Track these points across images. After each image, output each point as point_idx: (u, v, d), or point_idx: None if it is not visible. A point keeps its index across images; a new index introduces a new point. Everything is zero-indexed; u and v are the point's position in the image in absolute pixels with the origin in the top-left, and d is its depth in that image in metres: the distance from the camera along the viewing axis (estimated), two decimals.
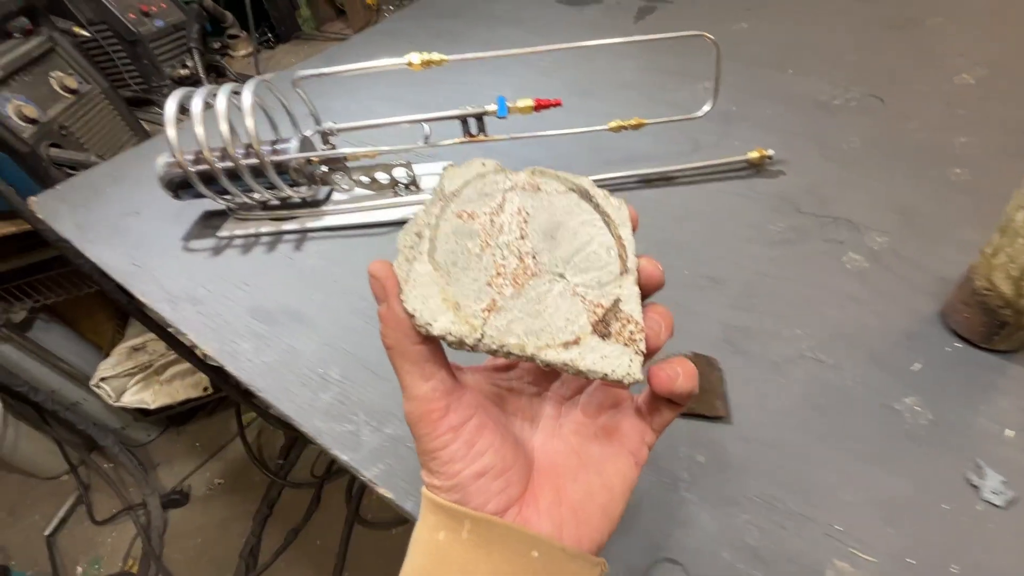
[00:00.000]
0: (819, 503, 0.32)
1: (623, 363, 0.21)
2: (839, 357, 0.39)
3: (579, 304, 0.22)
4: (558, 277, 0.22)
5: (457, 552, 0.21)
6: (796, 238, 0.49)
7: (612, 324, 0.21)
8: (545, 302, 0.22)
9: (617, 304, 0.22)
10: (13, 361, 1.09)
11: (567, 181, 0.25)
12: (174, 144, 0.53)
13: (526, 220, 0.23)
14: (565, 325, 0.21)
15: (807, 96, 0.67)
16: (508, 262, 0.22)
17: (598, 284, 0.22)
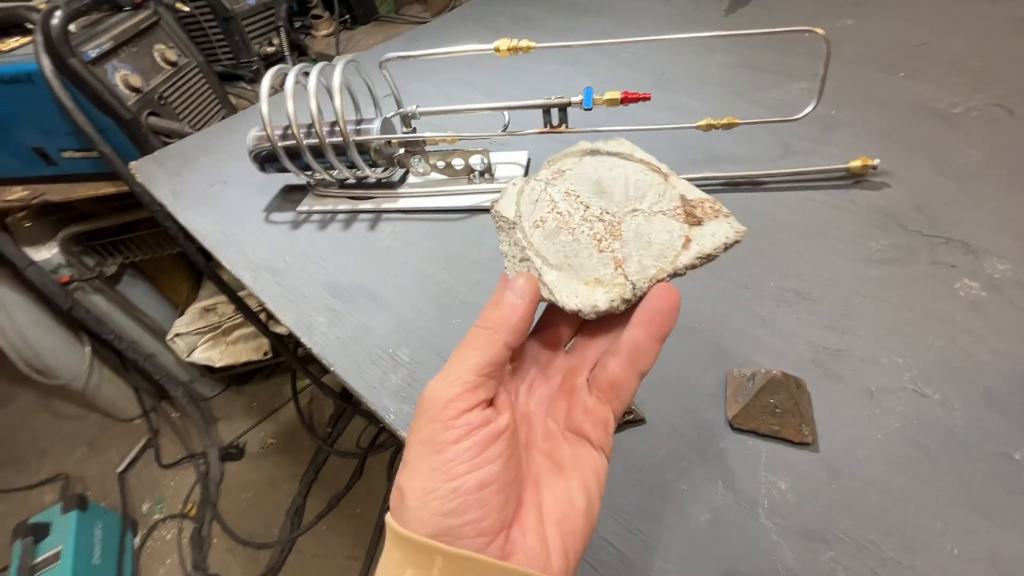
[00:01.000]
0: (919, 552, 0.29)
1: (727, 229, 0.25)
2: (947, 393, 0.36)
3: (664, 218, 0.25)
4: (633, 213, 0.25)
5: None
6: (901, 258, 0.45)
7: (695, 211, 0.25)
8: (645, 233, 0.25)
9: (684, 198, 0.26)
10: (103, 310, 1.19)
11: (573, 154, 0.29)
12: (266, 119, 0.55)
13: (577, 196, 0.26)
14: (672, 237, 0.24)
15: (920, 103, 0.62)
16: (596, 228, 0.25)
17: (659, 197, 0.26)
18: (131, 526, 1.25)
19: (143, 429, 1.44)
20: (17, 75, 0.80)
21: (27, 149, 0.92)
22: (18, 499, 1.37)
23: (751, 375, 0.36)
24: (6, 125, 0.88)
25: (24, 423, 1.55)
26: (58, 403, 1.56)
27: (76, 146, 0.90)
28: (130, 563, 1.19)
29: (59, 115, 0.84)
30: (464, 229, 0.57)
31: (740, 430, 0.35)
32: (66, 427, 1.51)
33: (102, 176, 0.95)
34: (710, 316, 0.43)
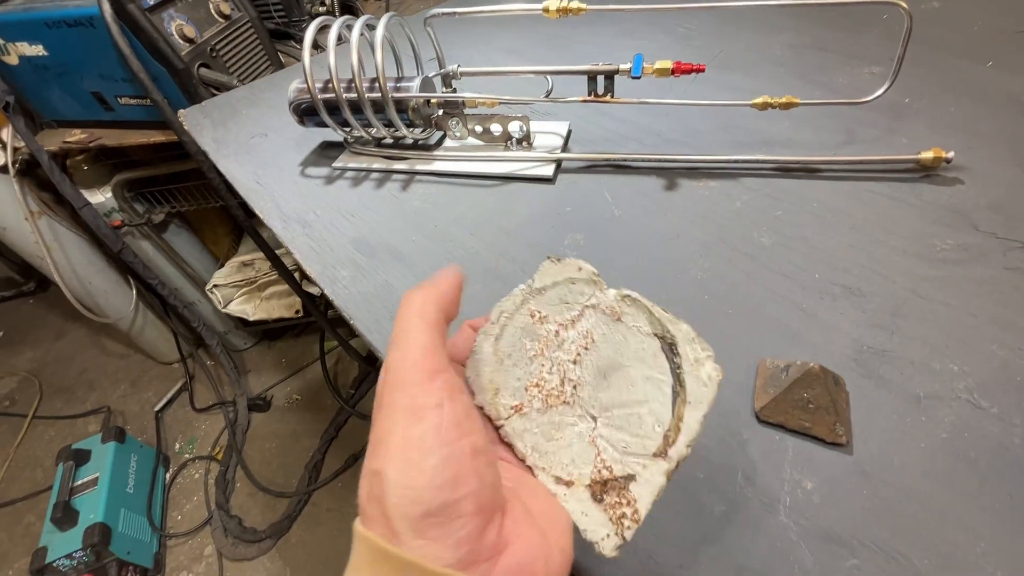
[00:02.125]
0: (956, 571, 0.26)
1: (599, 533, 0.20)
2: (1006, 408, 0.32)
3: (591, 454, 0.21)
4: (589, 417, 0.21)
5: None
6: (968, 259, 0.41)
7: (609, 495, 0.20)
8: (562, 432, 0.21)
9: (628, 481, 0.20)
10: (149, 256, 1.24)
11: (659, 323, 0.22)
12: (308, 71, 0.54)
13: (588, 347, 0.22)
14: (567, 464, 0.21)
15: (1009, 95, 0.56)
16: (550, 379, 0.22)
17: (623, 450, 0.21)
18: (163, 462, 1.33)
19: (180, 373, 1.51)
20: (80, 18, 0.83)
21: (87, 93, 0.95)
22: (65, 426, 1.47)
23: (785, 366, 0.34)
24: (69, 68, 0.92)
25: (75, 356, 1.66)
26: (106, 341, 1.66)
27: (131, 93, 0.93)
28: (160, 495, 1.26)
29: (117, 61, 0.86)
30: (497, 196, 0.55)
31: (767, 423, 0.33)
32: (112, 364, 1.61)
33: (154, 124, 0.98)
34: (745, 303, 0.41)
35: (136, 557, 1.09)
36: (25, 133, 0.95)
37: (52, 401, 1.54)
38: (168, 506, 1.27)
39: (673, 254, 0.46)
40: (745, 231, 0.46)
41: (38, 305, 1.86)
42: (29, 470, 1.38)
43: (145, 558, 1.12)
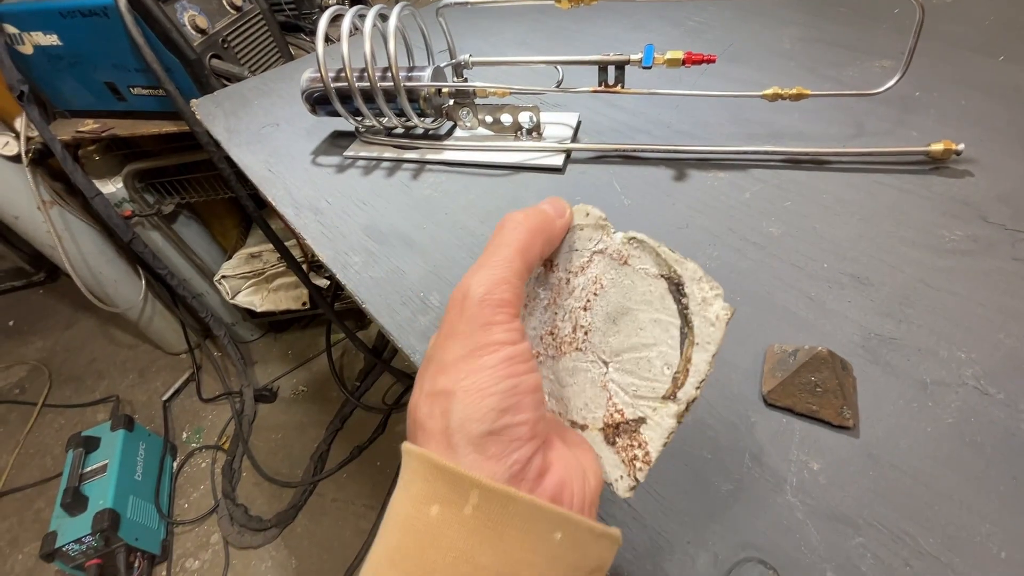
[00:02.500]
0: (961, 551, 0.27)
1: (613, 475, 0.20)
2: (1012, 394, 0.33)
3: (603, 398, 0.21)
4: (601, 363, 0.21)
5: (455, 533, 0.16)
6: (977, 250, 0.41)
7: (621, 438, 0.20)
8: (575, 378, 0.21)
9: (639, 424, 0.20)
10: (158, 246, 1.26)
11: (665, 263, 0.21)
12: (321, 59, 0.55)
13: (597, 293, 0.22)
14: (581, 408, 0.21)
15: (1019, 89, 0.56)
16: (563, 327, 0.22)
17: (633, 393, 0.21)
18: (171, 450, 1.34)
19: (187, 363, 1.53)
20: (94, 8, 0.84)
21: (100, 83, 0.96)
22: (74, 414, 1.49)
23: (793, 351, 0.34)
24: (83, 58, 0.93)
25: (85, 345, 1.67)
26: (115, 331, 1.68)
27: (144, 83, 0.94)
28: (168, 483, 1.27)
29: (130, 51, 0.87)
30: (506, 185, 0.56)
31: (774, 406, 0.33)
32: (121, 353, 1.63)
33: (165, 115, 0.99)
34: (754, 291, 0.41)
35: (144, 543, 1.11)
36: (39, 122, 0.96)
37: (61, 390, 1.56)
38: (175, 494, 1.28)
39: (682, 243, 0.46)
40: (754, 221, 0.47)
41: (48, 295, 1.88)
42: (39, 457, 1.40)
43: (153, 544, 1.13)
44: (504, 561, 0.16)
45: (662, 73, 0.66)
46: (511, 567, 0.16)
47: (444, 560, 0.16)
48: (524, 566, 0.16)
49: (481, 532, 0.16)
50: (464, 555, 0.16)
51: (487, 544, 0.16)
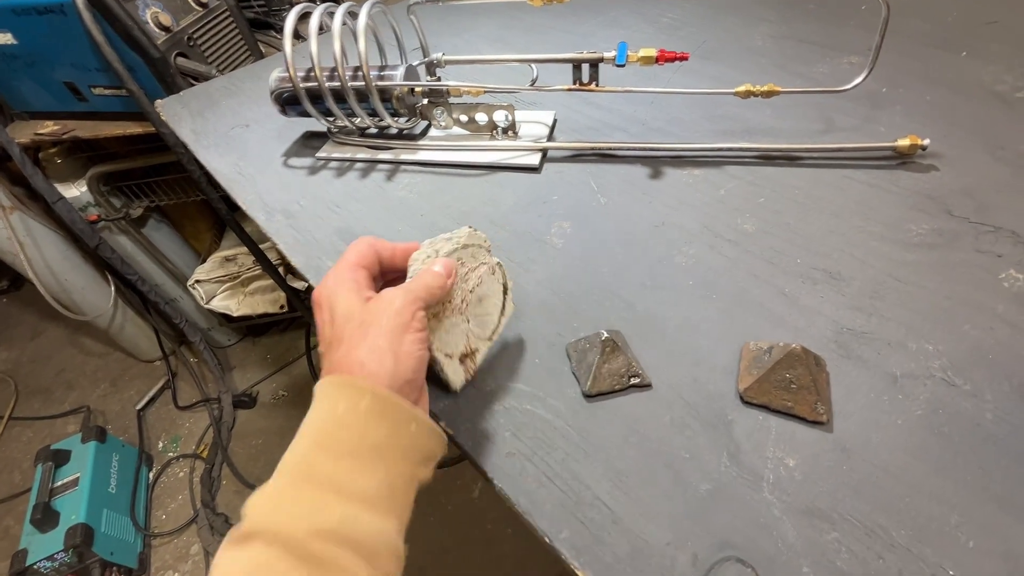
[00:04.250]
0: (931, 542, 0.27)
1: (458, 381, 0.35)
2: (978, 384, 0.33)
3: (464, 340, 0.36)
4: (466, 320, 0.36)
5: (353, 420, 0.25)
6: (942, 243, 0.42)
7: (465, 361, 0.36)
8: (453, 331, 0.35)
9: (475, 353, 0.36)
10: (128, 252, 1.22)
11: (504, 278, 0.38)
12: (289, 59, 0.54)
13: (479, 284, 0.36)
14: (452, 344, 0.35)
15: (981, 84, 0.57)
16: (456, 298, 0.35)
17: (476, 337, 0.36)
18: (147, 461, 1.30)
19: (162, 371, 1.49)
20: (50, 5, 0.80)
21: (59, 83, 0.93)
22: (43, 427, 1.44)
23: (768, 348, 0.34)
24: (39, 57, 0.89)
25: (52, 356, 1.61)
26: (84, 340, 1.62)
27: (106, 83, 0.90)
28: (144, 495, 1.24)
29: (90, 49, 0.84)
30: (482, 185, 0.55)
31: (751, 404, 0.34)
32: (91, 363, 1.57)
33: (130, 115, 0.95)
34: (728, 288, 0.41)
35: (120, 557, 1.07)
36: None
37: (29, 402, 1.50)
38: (152, 505, 1.25)
39: (658, 241, 0.46)
40: (729, 218, 0.47)
41: (12, 304, 1.81)
42: (6, 472, 1.35)
43: (129, 558, 1.10)
44: (386, 440, 0.26)
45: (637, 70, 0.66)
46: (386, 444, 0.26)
47: (352, 436, 0.25)
48: (394, 444, 0.26)
49: (369, 421, 0.25)
50: (359, 434, 0.25)
51: (371, 428, 0.25)
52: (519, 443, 0.34)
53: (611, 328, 0.38)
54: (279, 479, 0.25)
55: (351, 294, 0.29)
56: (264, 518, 0.23)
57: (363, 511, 0.24)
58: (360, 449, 0.25)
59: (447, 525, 1.12)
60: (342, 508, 0.23)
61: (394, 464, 0.26)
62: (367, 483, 0.24)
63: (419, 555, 1.07)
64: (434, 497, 1.17)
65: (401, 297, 0.29)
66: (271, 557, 0.22)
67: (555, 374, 0.37)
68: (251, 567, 0.22)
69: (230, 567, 0.22)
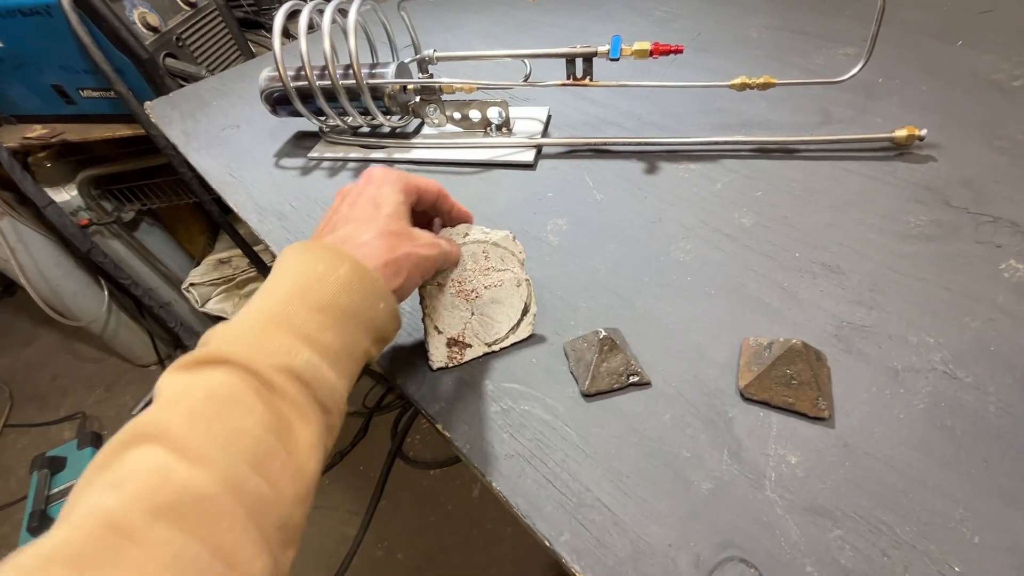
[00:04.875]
0: (936, 538, 0.27)
1: (439, 360, 0.37)
2: (980, 377, 0.33)
3: (460, 327, 0.37)
4: (471, 313, 0.37)
5: (330, 282, 0.26)
6: (941, 235, 0.42)
7: (452, 348, 0.37)
8: (453, 311, 0.37)
9: (466, 346, 0.37)
10: (120, 256, 1.20)
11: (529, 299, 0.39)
12: (279, 57, 0.53)
13: (496, 285, 0.38)
14: (446, 323, 0.37)
15: (978, 74, 0.57)
16: (467, 284, 0.37)
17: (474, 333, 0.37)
18: None
19: (158, 375, 1.47)
20: (36, 6, 0.79)
21: (46, 86, 0.91)
22: (38, 434, 1.43)
23: (768, 344, 0.34)
24: (27, 59, 0.88)
25: (47, 362, 1.60)
26: (79, 345, 1.61)
27: (94, 85, 0.89)
28: None
29: (77, 51, 0.83)
30: (477, 183, 0.55)
31: (751, 400, 0.33)
32: (86, 368, 1.56)
33: (119, 118, 0.94)
34: (727, 283, 0.41)
35: None
36: None
37: (24, 409, 1.49)
38: None
39: (655, 237, 0.45)
40: (726, 212, 0.47)
41: (5, 310, 1.79)
42: (2, 480, 1.34)
43: None
44: (355, 307, 0.27)
45: (631, 64, 0.66)
46: (354, 312, 0.27)
47: (327, 294, 0.26)
48: (360, 314, 0.27)
49: (344, 287, 0.27)
50: (333, 296, 0.26)
51: (344, 294, 0.26)
52: (517, 444, 0.33)
53: (609, 326, 0.37)
54: (251, 316, 0.25)
55: (402, 206, 0.31)
56: (233, 348, 0.23)
57: (325, 363, 0.25)
58: (331, 308, 0.26)
59: (447, 525, 1.12)
60: (308, 354, 0.24)
61: (356, 332, 0.27)
62: (332, 340, 0.25)
63: (418, 555, 1.07)
64: (433, 497, 1.16)
65: (445, 243, 0.33)
66: (236, 382, 0.22)
67: (553, 373, 0.37)
68: (211, 394, 0.22)
69: (187, 391, 0.22)
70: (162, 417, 0.21)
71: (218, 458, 0.20)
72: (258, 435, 0.21)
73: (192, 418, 0.21)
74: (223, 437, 0.20)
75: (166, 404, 0.21)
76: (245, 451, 0.21)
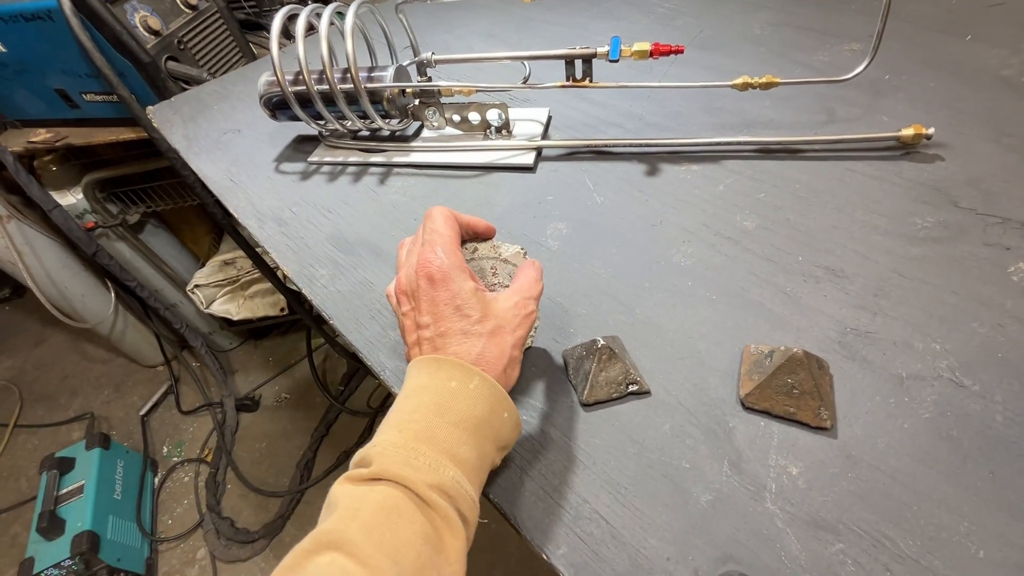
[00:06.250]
0: (940, 552, 0.26)
1: None
2: (987, 385, 0.32)
3: None
4: None
5: (464, 397, 0.28)
6: (948, 237, 0.41)
7: None
8: None
9: None
10: (126, 258, 1.21)
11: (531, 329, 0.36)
12: (276, 61, 0.52)
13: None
14: None
15: (987, 69, 0.55)
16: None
17: None
18: (151, 466, 1.31)
19: (165, 376, 1.49)
20: (38, 11, 0.79)
21: (50, 90, 0.92)
22: (47, 434, 1.44)
23: (769, 352, 0.33)
24: (30, 64, 0.88)
25: (55, 363, 1.62)
26: (87, 346, 1.63)
27: (97, 89, 0.89)
28: (149, 500, 1.24)
29: (79, 56, 0.83)
30: (476, 187, 0.54)
31: (752, 410, 0.33)
32: (94, 369, 1.58)
33: (122, 121, 0.94)
34: (728, 288, 0.40)
35: (127, 563, 1.08)
36: None
37: (34, 409, 1.51)
38: (158, 510, 1.25)
39: (656, 240, 0.45)
40: (728, 215, 0.46)
41: (14, 312, 1.81)
42: (13, 480, 1.35)
43: (137, 564, 1.11)
44: (487, 419, 0.28)
45: (631, 64, 0.65)
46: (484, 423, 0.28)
47: (463, 409, 0.28)
48: (489, 425, 0.28)
49: (476, 400, 0.28)
50: (467, 408, 0.28)
51: (477, 406, 0.28)
52: (515, 454, 0.33)
53: (608, 333, 0.37)
54: (403, 435, 0.27)
55: (475, 289, 0.31)
56: (394, 467, 0.25)
57: (466, 477, 0.26)
58: (466, 422, 0.27)
59: None
60: (454, 470, 0.26)
61: (485, 443, 0.28)
62: (469, 454, 0.27)
63: None
64: None
65: (527, 303, 0.32)
66: (400, 497, 0.25)
67: (551, 382, 0.36)
68: (383, 505, 0.24)
69: (362, 501, 0.25)
70: (342, 527, 0.23)
71: (389, 568, 0.22)
72: (419, 546, 0.24)
73: (368, 530, 0.23)
74: (392, 547, 0.23)
75: (345, 514, 0.24)
76: (411, 561, 0.23)
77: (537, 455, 0.33)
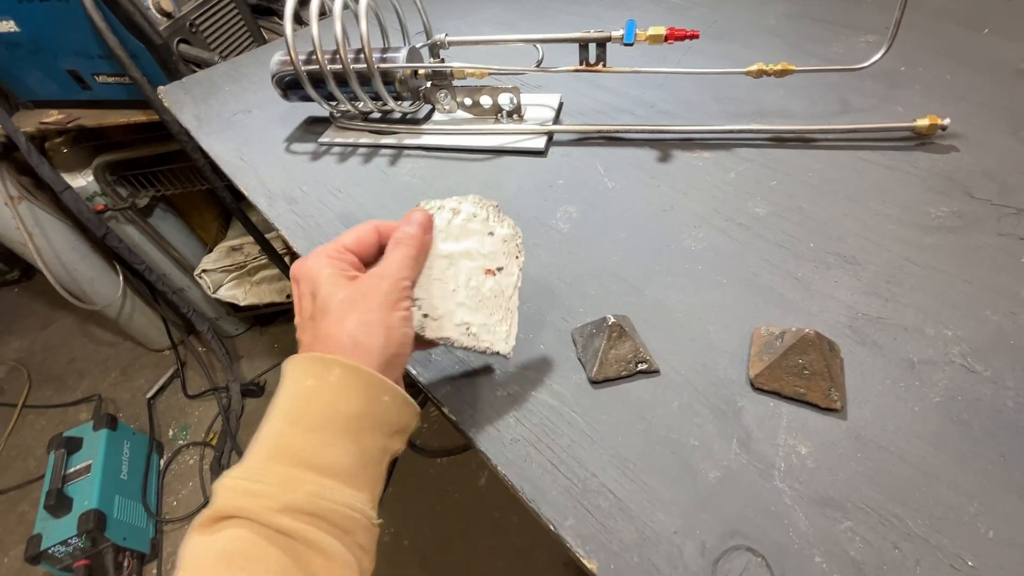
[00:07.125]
0: (949, 531, 0.26)
1: None
2: (999, 371, 0.32)
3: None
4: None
5: (323, 393, 0.25)
6: (962, 226, 0.41)
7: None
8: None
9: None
10: (135, 241, 1.22)
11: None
12: (290, 41, 0.53)
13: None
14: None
15: (1004, 62, 0.55)
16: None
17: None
18: (157, 448, 1.32)
19: (171, 360, 1.50)
20: None
21: (62, 71, 0.92)
22: (55, 415, 1.46)
23: (780, 333, 0.33)
24: (43, 45, 0.89)
25: (64, 345, 1.63)
26: (95, 329, 1.64)
27: (109, 70, 0.90)
28: (155, 482, 1.26)
29: (92, 37, 0.83)
30: (488, 170, 0.54)
31: (762, 390, 0.33)
32: (102, 352, 1.59)
33: (134, 103, 0.95)
34: (739, 273, 0.40)
35: (132, 543, 1.09)
36: (0, 114, 0.92)
37: (42, 390, 1.52)
38: (163, 492, 1.27)
39: (667, 225, 0.45)
40: (739, 201, 0.46)
41: (23, 293, 1.83)
42: (21, 459, 1.37)
43: (142, 543, 1.12)
44: (354, 412, 0.25)
45: (645, 51, 0.65)
46: (357, 416, 0.25)
47: (320, 410, 0.25)
48: (365, 416, 0.25)
49: (340, 393, 0.25)
50: (331, 407, 0.25)
51: (343, 400, 0.25)
52: (523, 429, 0.33)
53: (618, 313, 0.37)
54: (249, 458, 0.24)
55: (336, 273, 0.28)
56: (233, 499, 0.22)
57: (334, 485, 0.23)
58: (331, 422, 0.24)
59: (453, 513, 1.13)
60: (311, 483, 0.23)
61: (366, 436, 0.25)
62: (337, 456, 0.24)
63: (425, 544, 1.08)
64: (440, 486, 1.17)
65: (390, 276, 0.28)
66: (243, 540, 0.21)
67: (560, 360, 0.36)
68: (223, 553, 0.21)
69: (203, 555, 0.21)
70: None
71: None
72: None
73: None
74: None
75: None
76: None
77: (545, 430, 0.33)
